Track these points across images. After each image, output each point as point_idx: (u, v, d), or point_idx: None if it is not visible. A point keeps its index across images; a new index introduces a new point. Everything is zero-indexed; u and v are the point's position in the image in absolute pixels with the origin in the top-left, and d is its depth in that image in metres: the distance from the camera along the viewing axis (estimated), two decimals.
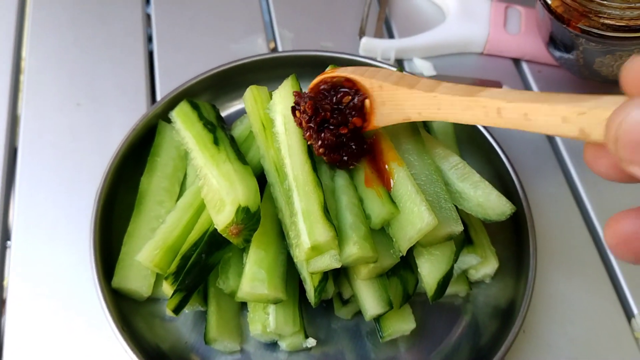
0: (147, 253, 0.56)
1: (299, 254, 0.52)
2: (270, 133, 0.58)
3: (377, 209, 0.54)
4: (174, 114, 0.65)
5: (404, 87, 0.47)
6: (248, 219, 0.53)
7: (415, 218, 0.52)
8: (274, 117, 0.58)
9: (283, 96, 0.58)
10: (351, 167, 0.56)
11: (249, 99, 0.61)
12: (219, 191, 0.55)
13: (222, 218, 0.53)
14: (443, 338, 0.61)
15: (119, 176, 0.63)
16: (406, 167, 0.55)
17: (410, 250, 0.56)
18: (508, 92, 0.38)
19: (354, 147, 0.54)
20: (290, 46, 0.82)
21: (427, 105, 0.46)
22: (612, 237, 0.31)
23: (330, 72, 0.54)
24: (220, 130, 0.62)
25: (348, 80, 0.53)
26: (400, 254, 0.54)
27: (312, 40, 0.76)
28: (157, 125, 0.67)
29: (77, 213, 0.66)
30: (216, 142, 0.60)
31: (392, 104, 0.49)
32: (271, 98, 0.60)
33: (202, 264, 0.55)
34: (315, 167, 0.54)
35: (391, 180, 0.55)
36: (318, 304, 0.55)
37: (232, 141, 0.62)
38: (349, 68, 0.54)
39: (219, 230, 0.53)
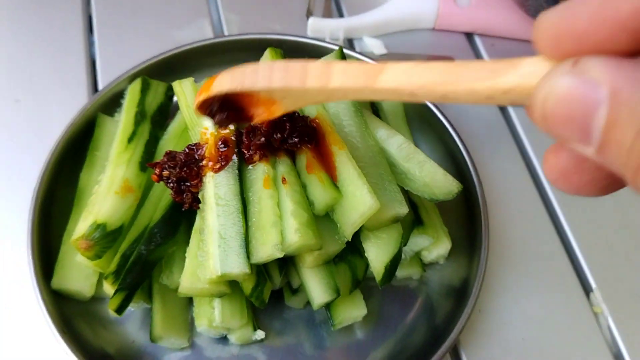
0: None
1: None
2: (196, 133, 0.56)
3: (320, 194, 0.52)
4: (128, 89, 0.64)
5: (295, 85, 0.41)
6: (101, 237, 0.52)
7: (358, 202, 0.50)
8: (205, 122, 0.55)
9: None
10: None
11: (178, 94, 0.59)
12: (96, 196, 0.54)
13: (78, 229, 0.53)
14: (399, 321, 0.60)
15: (57, 172, 0.61)
16: (347, 150, 0.53)
17: (358, 235, 0.54)
18: (412, 71, 0.34)
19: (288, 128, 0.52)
20: (237, 30, 0.80)
21: (331, 95, 0.41)
22: (551, 172, 0.30)
23: (205, 92, 0.46)
24: (146, 124, 0.60)
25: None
26: (346, 240, 0.53)
27: (259, 22, 0.74)
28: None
29: (14, 212, 0.64)
30: (131, 138, 0.58)
31: (293, 97, 0.43)
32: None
33: (144, 261, 0.53)
34: (242, 191, 0.52)
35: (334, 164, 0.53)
36: (263, 306, 0.54)
37: (152, 140, 0.60)
38: (224, 79, 0.45)
39: (70, 241, 0.52)
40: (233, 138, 0.53)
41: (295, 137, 0.53)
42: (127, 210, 0.55)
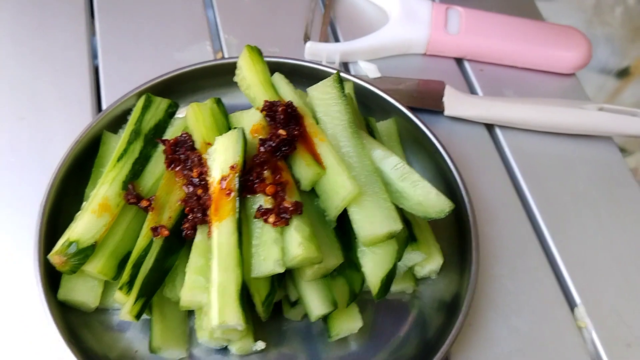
0: (91, 260, 0.57)
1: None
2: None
3: (304, 171, 0.56)
4: (136, 105, 0.67)
5: None
6: (74, 254, 0.55)
7: (339, 187, 0.55)
8: (211, 165, 0.57)
9: (226, 147, 0.56)
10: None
11: (194, 116, 0.63)
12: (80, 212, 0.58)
13: (56, 245, 0.56)
14: (392, 334, 0.62)
15: (63, 188, 0.63)
16: (328, 142, 0.58)
17: (355, 250, 0.57)
18: None
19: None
20: (236, 52, 0.82)
21: None
22: None
23: None
24: (138, 142, 0.63)
25: None
26: (333, 224, 0.57)
27: (259, 45, 0.77)
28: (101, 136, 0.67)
29: (22, 226, 0.65)
30: (121, 156, 0.61)
31: None
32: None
33: (160, 268, 0.56)
34: (241, 243, 0.53)
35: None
36: (267, 317, 0.56)
37: (140, 159, 0.62)
38: None
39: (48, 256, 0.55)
40: (236, 183, 0.55)
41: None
42: (100, 228, 0.57)
